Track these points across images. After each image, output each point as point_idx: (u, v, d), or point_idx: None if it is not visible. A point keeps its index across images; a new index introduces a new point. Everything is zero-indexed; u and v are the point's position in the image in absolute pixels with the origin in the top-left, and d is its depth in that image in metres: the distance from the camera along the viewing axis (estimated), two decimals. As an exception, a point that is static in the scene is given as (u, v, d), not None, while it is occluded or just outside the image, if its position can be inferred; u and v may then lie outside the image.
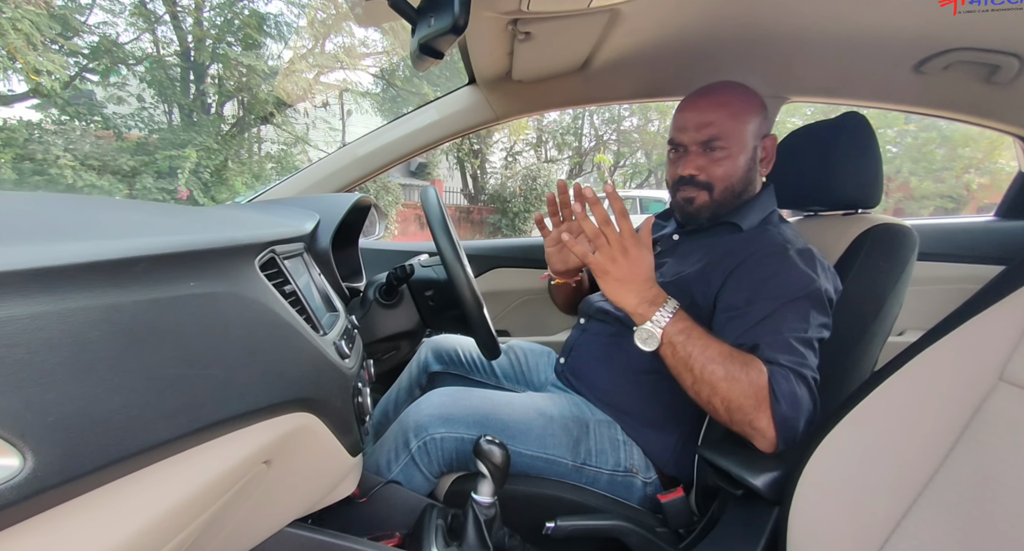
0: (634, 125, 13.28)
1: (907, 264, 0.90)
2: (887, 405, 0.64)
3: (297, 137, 9.61)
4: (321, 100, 10.22)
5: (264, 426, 0.51)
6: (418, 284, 1.04)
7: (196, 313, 0.44)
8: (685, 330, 0.80)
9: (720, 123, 0.93)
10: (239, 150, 9.39)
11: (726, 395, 0.77)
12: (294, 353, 0.56)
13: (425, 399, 0.99)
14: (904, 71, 1.16)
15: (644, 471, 0.98)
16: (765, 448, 0.78)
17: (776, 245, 0.88)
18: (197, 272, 0.46)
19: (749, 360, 0.78)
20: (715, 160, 0.94)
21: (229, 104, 9.62)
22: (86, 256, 0.36)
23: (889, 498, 0.60)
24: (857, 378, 0.91)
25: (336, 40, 9.91)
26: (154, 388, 0.39)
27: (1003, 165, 10.39)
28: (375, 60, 10.24)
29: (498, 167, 12.67)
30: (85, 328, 0.35)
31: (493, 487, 0.82)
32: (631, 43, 1.10)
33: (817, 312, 0.82)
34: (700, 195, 0.97)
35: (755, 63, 1.14)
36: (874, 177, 0.99)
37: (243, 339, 0.49)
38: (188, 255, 0.45)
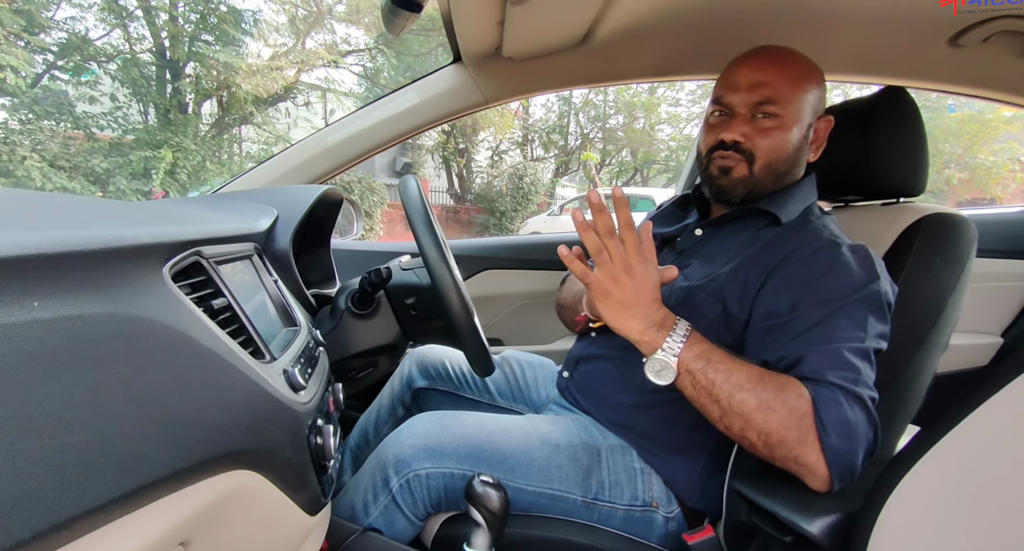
0: (620, 123, 13.21)
1: (967, 261, 0.78)
2: (988, 435, 0.50)
3: (278, 137, 9.37)
4: (303, 99, 9.99)
5: (172, 500, 0.36)
6: (397, 290, 0.89)
7: (38, 351, 0.29)
8: (703, 354, 0.66)
9: (777, 85, 0.79)
10: (218, 150, 9.14)
11: (762, 428, 0.64)
12: (219, 392, 0.41)
13: (407, 427, 0.84)
14: (939, 45, 1.04)
15: (665, 505, 0.84)
16: (818, 487, 0.64)
17: (824, 240, 0.74)
18: (45, 285, 0.31)
19: (785, 383, 0.65)
20: (764, 129, 0.80)
21: (207, 103, 9.37)
22: None
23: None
24: (915, 395, 0.77)
25: (317, 37, 9.71)
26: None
27: (982, 160, 10.51)
28: (357, 57, 10.03)
29: (484, 166, 12.53)
30: None
31: (490, 537, 0.68)
32: (640, 11, 0.96)
33: (876, 318, 0.68)
34: (739, 166, 0.82)
35: (781, 36, 1.01)
36: (919, 161, 0.86)
37: (129, 382, 0.34)
38: (32, 260, 0.30)
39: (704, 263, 0.87)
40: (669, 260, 0.93)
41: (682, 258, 0.91)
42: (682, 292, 0.84)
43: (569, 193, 13.95)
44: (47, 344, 0.29)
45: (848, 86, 4.06)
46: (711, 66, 1.14)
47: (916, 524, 0.53)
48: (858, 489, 0.64)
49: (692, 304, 0.82)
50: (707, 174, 0.88)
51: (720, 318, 0.79)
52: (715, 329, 0.79)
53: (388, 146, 1.17)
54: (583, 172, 13.64)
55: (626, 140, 13.19)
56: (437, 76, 1.13)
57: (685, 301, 0.83)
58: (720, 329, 0.79)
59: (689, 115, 13.11)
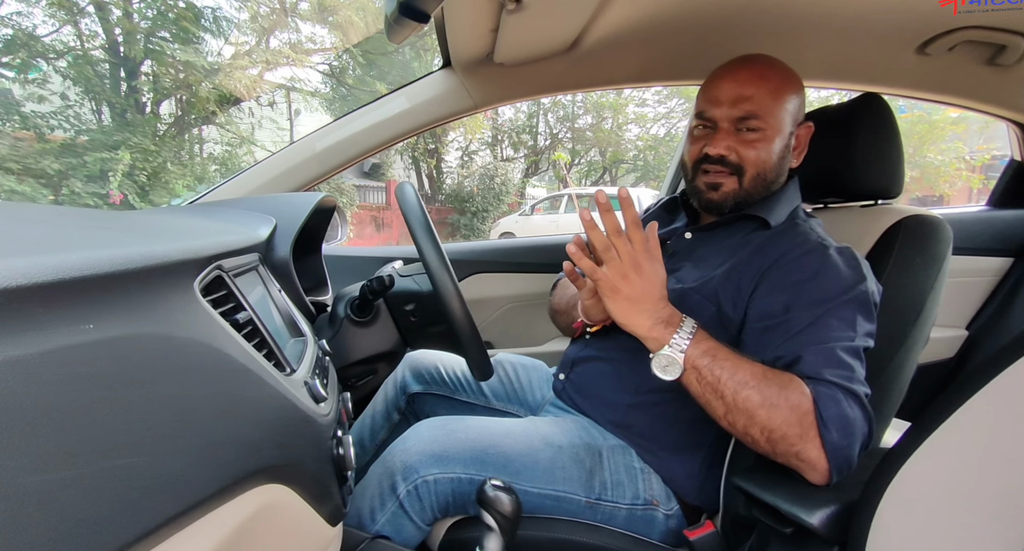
0: (588, 123, 13.34)
1: (944, 260, 0.82)
2: (980, 422, 0.54)
3: (243, 137, 9.12)
4: (267, 99, 9.75)
5: (212, 519, 0.36)
6: (396, 297, 0.89)
7: (93, 373, 0.28)
8: (709, 351, 0.69)
9: (758, 99, 0.81)
10: (179, 151, 8.84)
11: (766, 424, 0.66)
12: (252, 408, 0.41)
13: (413, 434, 0.84)
14: (908, 53, 1.09)
15: (665, 502, 0.86)
16: (817, 481, 0.67)
17: (812, 243, 0.78)
18: (99, 308, 0.30)
19: (788, 381, 0.68)
20: (748, 141, 0.83)
21: (166, 103, 9.05)
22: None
23: (995, 543, 0.50)
24: (898, 390, 0.82)
25: (282, 36, 9.49)
26: (13, 513, 0.23)
27: (931, 159, 11.00)
28: (324, 57, 9.85)
29: (454, 166, 12.49)
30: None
31: (502, 541, 0.69)
32: (626, 19, 0.98)
33: (864, 318, 0.72)
34: (728, 182, 0.84)
35: (760, 43, 1.04)
36: (896, 164, 0.91)
37: (172, 401, 0.33)
38: (83, 282, 0.29)
39: (696, 266, 0.89)
40: (661, 262, 0.96)
41: (673, 261, 0.94)
42: (676, 294, 0.86)
43: (539, 193, 14.03)
44: (100, 366, 0.29)
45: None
46: (693, 72, 1.17)
47: (913, 514, 0.56)
48: (853, 480, 0.67)
49: (686, 306, 0.84)
50: (694, 187, 0.90)
51: (715, 319, 0.82)
52: (710, 330, 0.81)
53: (378, 151, 1.16)
54: (553, 172, 13.73)
55: (595, 140, 13.33)
56: (427, 81, 1.13)
57: (679, 303, 0.85)
58: (715, 330, 0.81)
59: (656, 115, 13.35)
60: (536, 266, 1.38)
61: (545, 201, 10.67)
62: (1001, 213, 1.37)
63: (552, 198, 10.60)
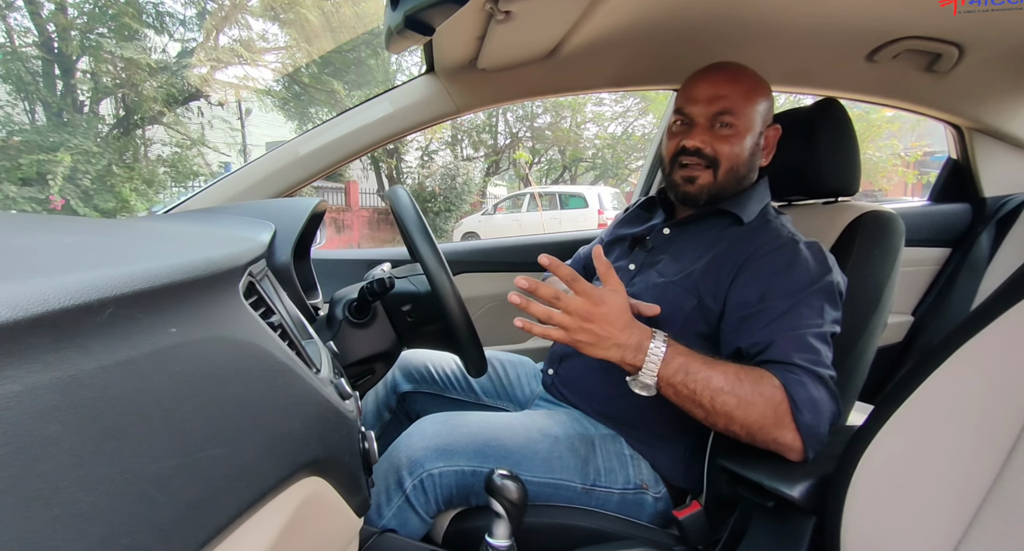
0: (547, 122, 13.47)
1: (899, 252, 0.91)
2: (935, 401, 0.61)
3: (192, 139, 8.78)
4: (217, 98, 9.42)
5: (272, 508, 0.39)
6: (393, 298, 0.91)
7: (183, 372, 0.31)
8: (682, 367, 0.72)
9: (732, 98, 0.88)
10: (124, 153, 8.43)
11: (744, 421, 0.72)
12: (298, 405, 0.43)
13: (416, 430, 0.87)
14: (858, 60, 1.19)
15: (654, 486, 0.91)
16: (794, 459, 0.74)
17: (784, 238, 0.85)
18: (175, 312, 0.33)
19: (759, 377, 0.73)
20: (722, 137, 0.89)
21: (107, 102, 8.62)
22: (26, 305, 0.23)
23: (952, 504, 0.57)
24: (861, 372, 0.90)
25: (231, 33, 9.19)
26: (143, 497, 0.26)
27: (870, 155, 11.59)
28: (277, 55, 9.59)
29: (415, 167, 12.39)
30: (37, 423, 0.21)
31: (510, 527, 0.73)
32: (604, 27, 1.03)
33: (830, 306, 0.79)
34: (704, 174, 0.91)
35: (728, 51, 1.11)
36: (854, 164, 0.99)
37: (240, 398, 0.36)
38: (163, 290, 0.32)
39: (675, 259, 0.95)
40: (640, 258, 1.01)
41: (653, 255, 0.99)
42: (658, 288, 0.92)
43: (501, 192, 14.07)
44: (186, 366, 0.31)
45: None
46: (665, 77, 1.24)
47: (882, 483, 0.63)
48: (826, 455, 0.74)
49: (668, 298, 0.90)
50: (672, 180, 0.96)
51: (696, 310, 0.88)
52: (692, 321, 0.88)
53: (362, 154, 1.18)
54: (514, 171, 13.80)
55: (554, 139, 13.47)
56: (410, 86, 1.16)
57: (662, 296, 0.91)
58: (697, 320, 0.88)
59: (613, 114, 13.60)
60: (518, 265, 1.42)
61: (507, 200, 10.71)
62: (940, 207, 1.50)
63: (514, 197, 10.65)
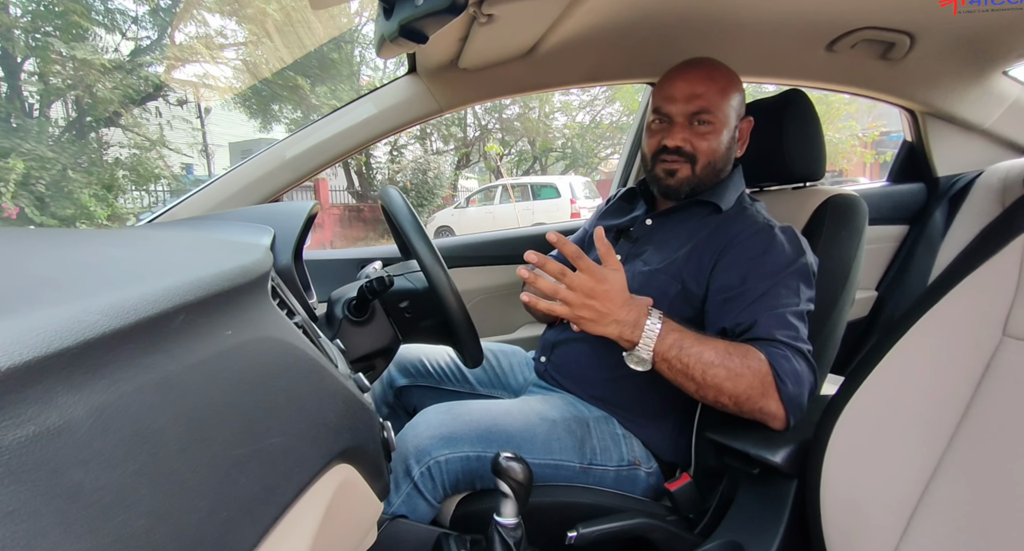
0: (516, 113, 13.46)
1: (863, 231, 0.97)
2: (901, 368, 0.68)
3: (152, 141, 8.51)
4: (176, 98, 9.15)
5: (315, 492, 0.42)
6: (390, 295, 0.93)
7: (244, 370, 0.34)
8: (676, 343, 0.77)
9: (709, 96, 0.93)
10: (79, 158, 8.12)
11: (733, 392, 0.77)
12: (330, 397, 0.47)
13: (421, 420, 0.90)
14: (819, 50, 1.26)
15: (646, 462, 0.97)
16: (777, 427, 0.80)
17: (760, 224, 0.90)
18: (228, 316, 0.36)
19: (746, 351, 0.78)
20: (700, 134, 0.94)
21: (58, 104, 8.29)
22: (119, 315, 0.25)
23: (916, 460, 0.64)
24: (833, 345, 0.96)
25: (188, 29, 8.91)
26: (229, 478, 0.29)
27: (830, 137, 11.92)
28: (237, 52, 9.35)
29: (384, 162, 12.26)
30: (147, 416, 0.24)
31: (517, 506, 0.77)
32: (581, 25, 1.07)
33: (805, 286, 0.85)
34: (683, 168, 0.96)
35: (698, 45, 1.17)
36: (820, 150, 1.05)
37: (287, 392, 0.39)
38: (216, 296, 0.35)
39: (659, 249, 1.00)
40: (626, 248, 1.06)
41: (637, 245, 1.04)
42: (644, 276, 0.97)
43: (472, 185, 14.03)
44: (243, 365, 0.34)
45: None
46: (639, 71, 1.29)
47: (856, 445, 0.69)
48: (804, 422, 0.81)
49: (654, 285, 0.95)
50: (654, 175, 1.01)
51: (680, 295, 0.93)
52: (677, 305, 0.93)
53: (347, 156, 1.19)
54: (485, 163, 13.77)
55: (523, 130, 13.49)
56: (393, 87, 1.18)
57: (648, 283, 0.96)
58: (681, 305, 0.93)
59: (581, 103, 13.67)
60: (505, 258, 1.46)
61: (479, 193, 10.69)
62: (898, 187, 1.59)
63: (486, 189, 10.63)
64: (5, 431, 0.18)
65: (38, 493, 0.18)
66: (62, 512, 0.18)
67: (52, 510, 0.18)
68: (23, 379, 0.19)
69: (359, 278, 1.06)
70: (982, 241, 0.66)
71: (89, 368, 0.22)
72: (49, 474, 0.18)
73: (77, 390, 0.21)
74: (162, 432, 0.25)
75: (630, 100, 12.32)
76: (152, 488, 0.23)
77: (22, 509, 0.17)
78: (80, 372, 0.22)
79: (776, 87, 1.72)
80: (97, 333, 0.23)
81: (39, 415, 0.19)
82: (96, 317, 0.24)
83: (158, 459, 0.24)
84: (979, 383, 0.62)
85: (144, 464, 0.23)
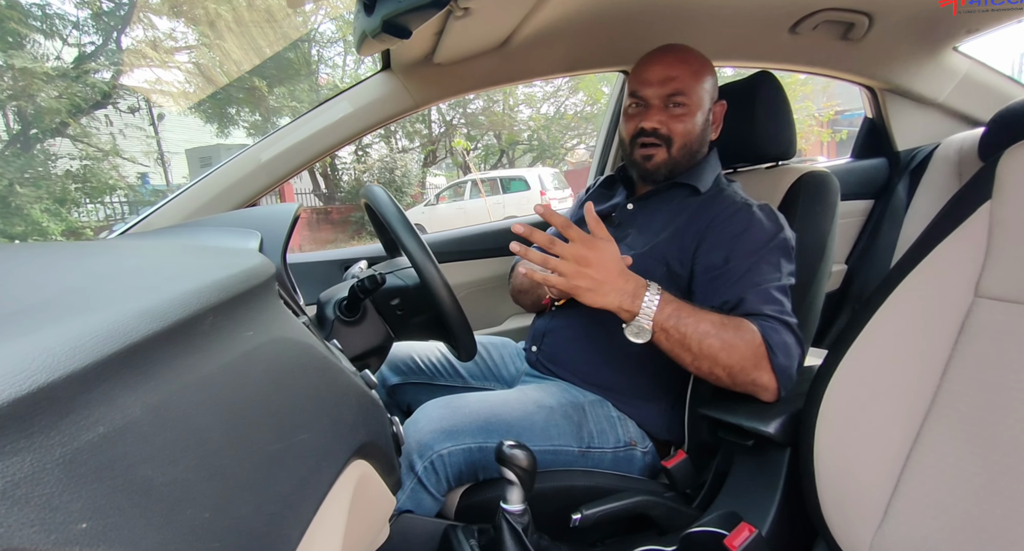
0: (480, 107, 13.40)
1: (836, 207, 1.01)
2: (881, 336, 0.71)
3: (104, 150, 8.19)
4: (127, 105, 8.81)
5: (338, 489, 0.42)
6: (381, 293, 0.93)
7: (268, 369, 0.34)
8: (674, 313, 0.78)
9: (683, 79, 0.95)
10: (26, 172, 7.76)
11: (727, 363, 0.79)
12: (345, 394, 0.47)
13: (421, 415, 0.91)
14: (783, 33, 1.30)
15: (641, 442, 0.99)
16: (768, 399, 0.82)
17: (739, 203, 0.93)
18: (246, 318, 0.36)
19: (740, 323, 0.81)
20: (675, 116, 0.96)
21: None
22: (155, 318, 0.26)
23: (903, 421, 0.67)
24: (814, 317, 1.00)
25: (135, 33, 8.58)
26: (270, 473, 0.29)
27: (789, 118, 12.23)
28: (189, 55, 9.05)
29: (349, 163, 12.07)
30: (195, 414, 0.25)
31: (523, 493, 0.78)
32: (554, 15, 1.08)
33: (786, 260, 0.88)
34: (659, 152, 0.98)
35: (668, 31, 1.19)
36: (791, 130, 1.09)
37: (307, 390, 0.39)
38: (234, 300, 0.35)
39: (641, 232, 1.02)
40: (609, 234, 1.08)
41: (620, 230, 1.06)
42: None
43: (440, 182, 13.93)
44: (267, 364, 0.35)
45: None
46: (613, 60, 1.30)
47: (845, 412, 0.72)
48: (794, 393, 0.84)
49: (639, 269, 0.96)
50: (632, 159, 1.03)
51: (665, 277, 0.95)
52: (663, 286, 0.95)
53: (324, 156, 1.18)
54: (452, 159, 13.68)
55: (488, 124, 13.44)
56: (367, 84, 1.16)
57: (633, 267, 0.98)
58: (667, 286, 0.95)
59: (544, 95, 13.68)
60: (488, 252, 1.46)
61: (449, 189, 10.63)
62: (862, 162, 1.65)
63: (455, 185, 10.57)
64: (80, 432, 0.18)
65: (117, 489, 0.18)
66: (141, 506, 0.19)
67: (132, 504, 0.18)
68: (87, 382, 0.19)
69: (346, 278, 1.05)
70: (951, 209, 0.70)
71: (139, 370, 0.22)
72: (124, 471, 0.19)
73: (132, 391, 0.21)
74: (209, 429, 0.25)
75: (594, 90, 12.40)
76: (209, 483, 0.23)
77: (107, 505, 0.17)
78: (132, 374, 0.22)
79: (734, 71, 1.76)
80: (140, 336, 0.23)
81: (106, 416, 0.19)
82: (136, 321, 0.24)
83: (209, 455, 0.24)
84: (955, 342, 0.66)
85: (200, 459, 0.23)
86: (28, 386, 0.17)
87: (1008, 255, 0.63)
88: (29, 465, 0.16)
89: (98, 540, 0.17)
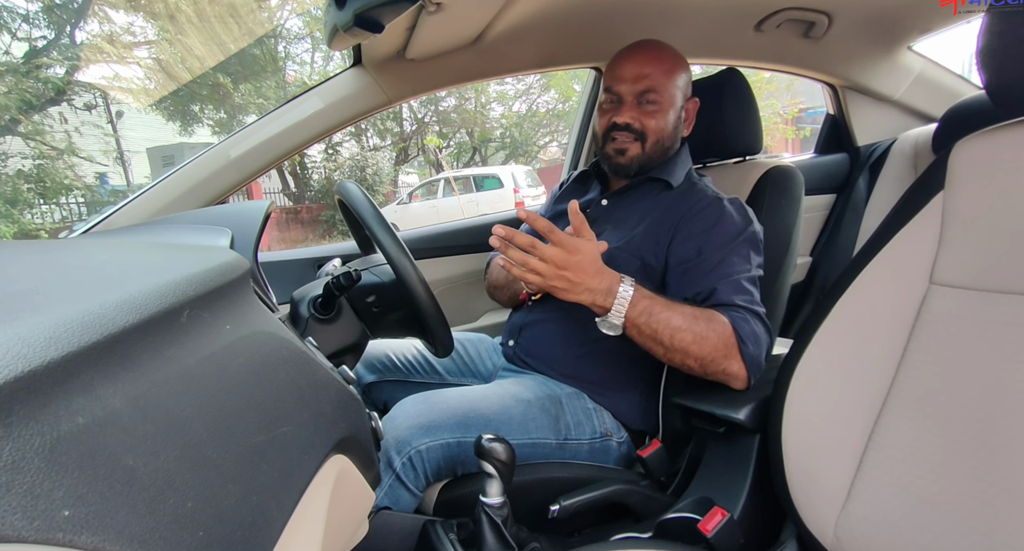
0: (452, 105, 13.34)
1: (801, 200, 1.05)
2: (843, 324, 0.74)
3: (59, 149, 7.86)
4: (84, 102, 8.48)
5: (318, 483, 0.42)
6: (356, 291, 0.92)
7: (248, 363, 0.34)
8: (647, 309, 0.80)
9: (656, 76, 0.97)
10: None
11: (699, 354, 0.81)
12: (324, 389, 0.47)
13: (399, 412, 0.90)
14: (748, 31, 1.33)
15: (617, 432, 1.01)
16: (739, 387, 0.85)
17: (710, 198, 0.96)
18: (225, 311, 0.35)
19: (711, 315, 0.83)
20: (648, 112, 0.98)
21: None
22: (133, 309, 0.25)
23: (864, 405, 0.70)
24: (780, 307, 1.03)
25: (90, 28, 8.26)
26: (253, 464, 0.29)
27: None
28: (149, 50, 8.75)
29: (319, 161, 11.86)
30: (176, 406, 0.25)
31: (502, 486, 0.79)
32: (525, 12, 1.08)
33: (755, 253, 0.91)
34: (632, 147, 1.00)
35: (638, 28, 1.21)
36: (758, 126, 1.12)
37: (288, 383, 0.39)
38: (212, 293, 0.34)
39: (616, 227, 1.04)
40: (583, 230, 1.09)
41: (595, 226, 1.07)
42: (605, 256, 1.01)
43: (413, 180, 13.82)
44: (247, 358, 0.34)
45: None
46: (586, 56, 1.32)
47: (810, 398, 0.75)
48: (762, 381, 0.86)
49: (614, 263, 0.98)
50: (605, 153, 1.04)
51: (640, 271, 0.97)
52: (638, 281, 0.97)
53: (294, 153, 1.16)
54: (424, 157, 13.58)
55: (460, 121, 13.38)
56: (339, 80, 1.15)
57: (608, 262, 0.99)
58: (642, 280, 0.96)
59: (516, 92, 13.68)
60: (463, 248, 1.46)
61: (421, 187, 10.55)
62: (824, 158, 1.71)
63: (428, 183, 10.50)
64: (59, 422, 0.18)
65: (99, 478, 0.18)
66: (124, 495, 0.19)
67: (115, 493, 0.18)
68: (66, 372, 0.19)
69: (320, 276, 1.04)
70: (906, 201, 0.73)
71: (118, 361, 0.22)
72: (106, 460, 0.19)
73: (112, 382, 0.21)
74: (191, 421, 0.25)
75: (565, 87, 12.45)
76: (193, 473, 0.23)
77: (89, 493, 0.17)
78: (111, 365, 0.22)
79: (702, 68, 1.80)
80: (118, 328, 0.23)
81: (86, 406, 0.19)
82: (113, 312, 0.24)
83: (192, 446, 0.24)
84: (912, 328, 0.69)
85: (182, 450, 0.23)
86: (5, 375, 0.17)
87: (959, 243, 0.67)
88: (9, 453, 0.16)
89: (81, 527, 0.17)
